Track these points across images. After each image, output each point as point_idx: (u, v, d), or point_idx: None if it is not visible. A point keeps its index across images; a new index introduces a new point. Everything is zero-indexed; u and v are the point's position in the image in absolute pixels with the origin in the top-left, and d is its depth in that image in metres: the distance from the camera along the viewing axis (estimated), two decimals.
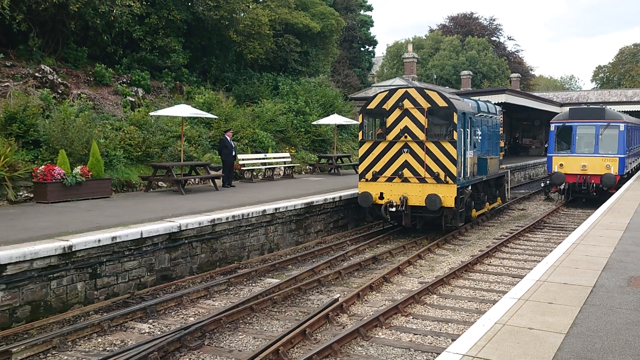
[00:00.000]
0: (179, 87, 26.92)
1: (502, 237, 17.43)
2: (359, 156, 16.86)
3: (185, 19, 26.66)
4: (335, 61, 44.61)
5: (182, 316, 10.01)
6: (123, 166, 19.23)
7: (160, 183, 19.81)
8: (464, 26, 74.76)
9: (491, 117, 20.56)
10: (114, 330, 9.27)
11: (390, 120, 16.32)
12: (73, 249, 10.03)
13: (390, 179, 16.23)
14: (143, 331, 9.23)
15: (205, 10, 26.68)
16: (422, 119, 15.89)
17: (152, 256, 11.61)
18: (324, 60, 38.44)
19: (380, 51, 78.15)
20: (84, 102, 20.39)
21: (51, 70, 21.26)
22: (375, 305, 10.52)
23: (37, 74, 20.75)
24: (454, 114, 15.59)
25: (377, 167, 16.43)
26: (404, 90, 16.27)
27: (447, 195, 15.48)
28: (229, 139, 20.48)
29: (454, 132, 15.63)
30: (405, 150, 16.05)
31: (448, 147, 15.64)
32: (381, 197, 16.29)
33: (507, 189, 23.30)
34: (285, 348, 8.13)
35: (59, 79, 21.27)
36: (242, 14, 29.54)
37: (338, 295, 10.66)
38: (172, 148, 21.50)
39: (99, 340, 8.88)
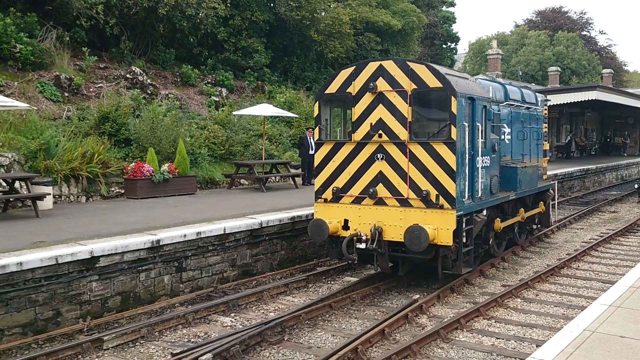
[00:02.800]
0: (260, 87, 27.46)
1: (592, 240, 16.65)
2: (315, 165, 11.44)
3: (267, 19, 27.15)
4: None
5: (262, 311, 10.21)
6: (207, 164, 19.82)
7: (242, 180, 20.28)
8: (552, 20, 71.95)
9: (527, 108, 15.22)
10: (198, 322, 9.57)
11: (357, 110, 10.83)
12: (161, 243, 10.44)
13: (358, 200, 10.80)
14: (225, 324, 9.47)
15: (287, 11, 27.06)
16: (403, 107, 10.35)
17: (234, 252, 11.91)
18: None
19: (462, 48, 76.64)
20: (172, 102, 21.18)
21: (141, 72, 22.21)
22: (455, 307, 10.32)
23: (128, 75, 21.74)
24: (452, 99, 9.99)
25: (340, 182, 11.00)
26: (378, 63, 10.71)
27: (441, 226, 9.98)
28: (309, 137, 20.70)
29: (452, 127, 10.00)
30: (379, 156, 10.60)
31: (443, 151, 10.04)
32: (346, 226, 10.87)
33: (554, 206, 17.22)
34: (364, 347, 8.12)
35: (149, 80, 22.19)
36: (323, 14, 29.76)
37: (417, 296, 10.54)
38: (254, 146, 21.96)
39: (184, 331, 9.20)
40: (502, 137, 13.13)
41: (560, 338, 5.98)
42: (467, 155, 10.41)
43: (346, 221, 10.93)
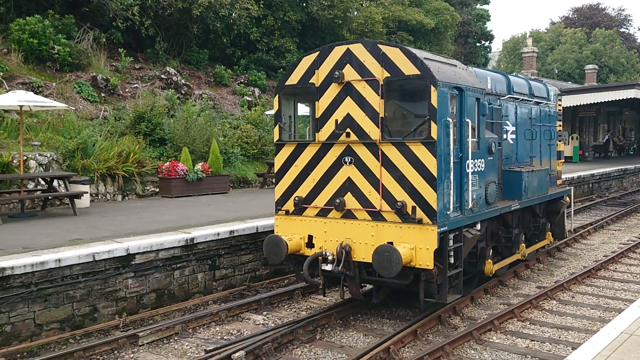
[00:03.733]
0: None
1: (630, 242, 16.27)
2: (275, 170, 9.86)
3: (299, 19, 27.25)
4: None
5: (294, 309, 10.25)
6: (240, 163, 20.00)
7: (274, 180, 20.40)
8: (589, 18, 70.59)
9: (537, 103, 13.23)
10: (231, 320, 9.66)
11: (322, 105, 9.10)
12: (195, 241, 10.57)
13: (323, 213, 9.05)
14: (257, 322, 9.55)
15: (319, 10, 27.12)
16: (375, 100, 8.62)
17: None
18: None
19: (496, 46, 75.66)
20: (205, 102, 21.43)
21: (175, 72, 22.51)
22: (489, 309, 10.22)
23: (162, 76, 22.06)
24: (432, 89, 8.17)
25: (303, 191, 9.26)
26: (345, 47, 8.94)
27: (420, 245, 8.16)
28: None
29: (432, 124, 8.17)
30: (347, 159, 8.85)
31: (421, 153, 8.27)
32: (310, 244, 9.12)
33: (569, 214, 15.36)
34: (396, 347, 8.10)
35: (183, 80, 22.48)
36: (356, 13, 29.74)
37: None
38: None
39: (217, 328, 9.30)
40: (505, 136, 11.37)
41: (596, 341, 5.87)
42: (451, 158, 8.43)
43: (310, 237, 9.08)
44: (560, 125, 14.92)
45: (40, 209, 14.11)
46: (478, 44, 50.95)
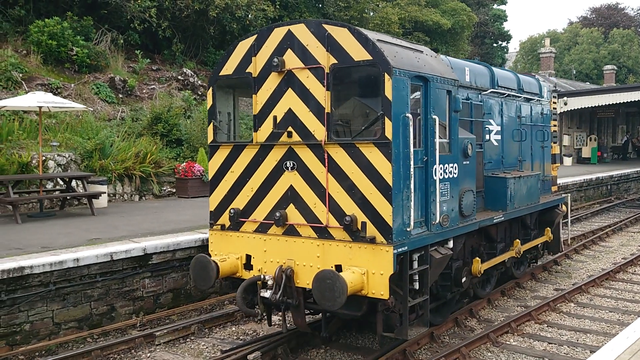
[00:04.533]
0: None
1: None
2: (209, 177, 8.35)
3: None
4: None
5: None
6: None
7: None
8: (608, 18, 69.87)
9: (528, 100, 11.85)
10: (247, 320, 9.69)
11: (260, 98, 7.71)
12: None
13: (263, 228, 7.65)
14: (274, 323, 9.57)
15: (335, 11, 27.15)
16: (320, 92, 7.21)
17: None
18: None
19: (513, 47, 75.20)
20: None
21: (192, 73, 22.65)
22: (506, 311, 10.15)
23: (179, 77, 22.21)
24: (386, 78, 6.77)
25: (240, 202, 7.84)
26: (286, 29, 7.50)
27: (373, 269, 6.78)
28: None
29: (387, 121, 6.77)
30: (289, 164, 7.45)
31: (373, 156, 6.89)
32: (248, 265, 7.76)
33: (566, 224, 13.87)
34: (412, 349, 8.08)
35: (199, 81, 22.61)
36: (372, 14, 29.73)
37: (467, 298, 10.40)
38: None
39: (233, 329, 9.34)
40: (487, 137, 9.99)
41: (615, 344, 5.81)
42: (412, 163, 6.89)
43: (249, 257, 7.70)
44: (555, 126, 13.58)
45: (58, 208, 14.26)
46: (495, 45, 50.66)
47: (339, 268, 6.87)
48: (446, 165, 7.79)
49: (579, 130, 38.76)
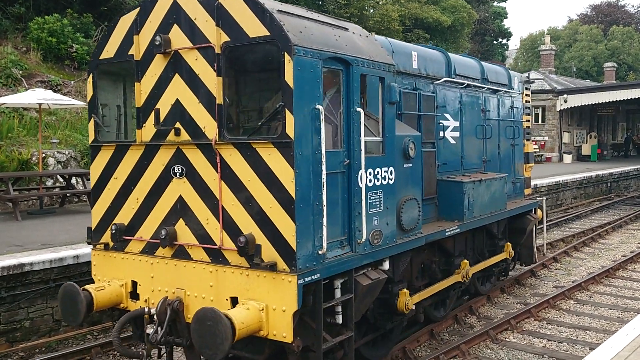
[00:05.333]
0: None
1: None
2: (91, 184, 6.82)
3: None
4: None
5: None
6: None
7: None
8: (608, 15, 69.84)
9: (495, 92, 10.49)
10: None
11: (144, 87, 6.30)
12: None
13: (150, 249, 6.26)
14: None
15: (335, 9, 27.14)
16: (210, 79, 5.79)
17: None
18: None
19: (513, 44, 75.18)
20: None
21: None
22: (506, 308, 10.16)
23: None
24: (286, 59, 5.29)
25: (125, 215, 6.44)
26: (171, 1, 6.08)
27: (273, 303, 5.36)
28: None
29: (288, 115, 5.31)
30: (177, 169, 6.05)
31: (273, 159, 5.45)
32: (135, 294, 6.34)
33: (541, 231, 12.81)
34: (412, 346, 8.09)
35: None
36: (372, 11, 29.71)
37: (466, 296, 10.41)
38: None
39: None
40: (442, 134, 8.64)
41: (615, 341, 5.82)
42: (323, 168, 5.46)
43: (135, 285, 6.30)
44: (528, 121, 12.11)
45: (58, 205, 14.26)
46: (495, 42, 50.67)
47: (235, 301, 5.52)
48: (378, 169, 6.38)
49: (579, 128, 38.77)
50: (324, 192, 5.49)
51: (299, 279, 5.22)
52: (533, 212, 10.97)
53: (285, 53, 5.25)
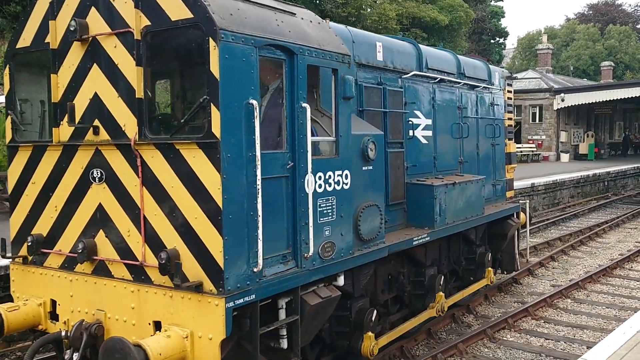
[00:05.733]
0: None
1: None
2: (9, 190, 6.16)
3: None
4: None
5: None
6: None
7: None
8: (605, 14, 69.92)
9: (473, 87, 9.75)
10: None
11: (62, 79, 5.54)
12: None
13: (70, 264, 5.53)
14: None
15: (333, 8, 27.13)
16: (130, 69, 5.07)
17: None
18: None
19: (510, 43, 75.25)
20: None
21: None
22: (503, 307, 10.18)
23: None
24: (211, 45, 4.59)
25: (44, 225, 5.73)
26: None
27: (199, 331, 4.68)
28: None
29: (214, 110, 4.61)
30: (95, 173, 5.31)
31: (197, 162, 4.74)
32: (55, 314, 5.63)
33: (525, 235, 11.60)
34: (409, 345, 8.09)
35: None
36: (369, 10, 29.71)
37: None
38: None
39: None
40: (411, 133, 7.88)
41: (612, 340, 5.84)
42: (258, 172, 4.77)
43: (54, 305, 5.61)
44: (511, 119, 11.46)
45: None
46: (492, 41, 50.72)
47: (159, 326, 4.88)
48: (330, 173, 5.71)
49: (576, 127, 38.84)
50: (259, 200, 4.79)
51: (228, 302, 4.55)
52: (515, 216, 10.36)
53: (210, 38, 4.57)
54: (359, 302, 6.68)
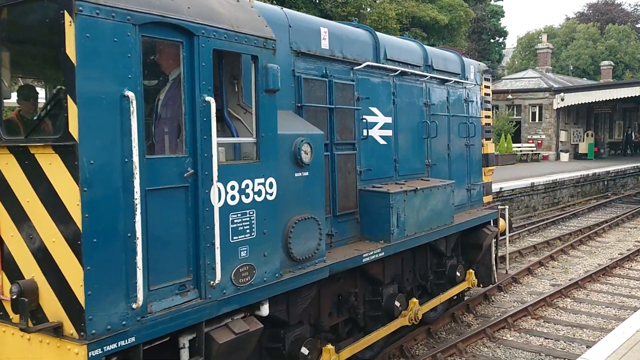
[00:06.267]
0: None
1: None
2: None
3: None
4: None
5: None
6: None
7: None
8: (605, 13, 69.90)
9: (443, 82, 8.77)
10: None
11: None
12: None
13: None
14: None
15: (332, 7, 27.12)
16: None
17: None
18: None
19: (510, 43, 75.25)
20: None
21: None
22: (503, 306, 10.18)
23: None
24: (65, 21, 3.58)
25: None
26: None
27: None
28: None
29: (71, 105, 3.62)
30: None
31: (54, 171, 3.73)
32: None
33: (503, 244, 10.49)
34: (409, 345, 8.09)
35: None
36: (369, 9, 29.70)
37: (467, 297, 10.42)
38: None
39: None
40: (365, 132, 6.89)
41: (612, 339, 5.84)
42: (136, 183, 3.86)
43: None
44: (489, 117, 10.54)
45: None
46: (492, 41, 50.71)
47: None
48: (247, 181, 4.73)
49: (576, 126, 38.84)
50: (138, 218, 3.81)
51: (92, 349, 3.63)
52: (493, 223, 9.46)
53: (65, 12, 3.60)
54: (295, 331, 5.63)
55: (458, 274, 8.69)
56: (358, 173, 6.73)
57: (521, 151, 34.59)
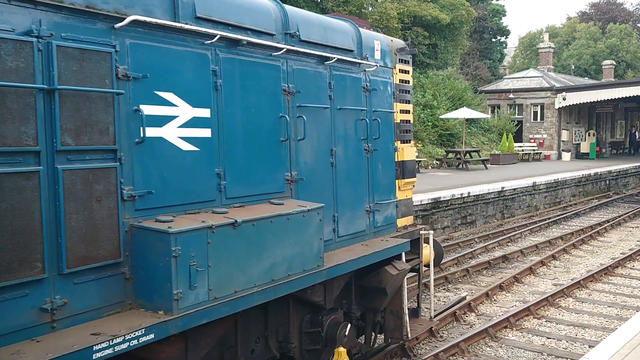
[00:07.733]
0: None
1: None
2: None
3: None
4: (464, 53, 43.52)
5: None
6: None
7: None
8: (606, 12, 69.81)
9: (322, 61, 6.00)
10: None
11: None
12: None
13: None
14: None
15: (334, 6, 27.13)
16: None
17: None
18: (452, 53, 37.62)
19: (512, 42, 75.18)
20: None
21: None
22: (505, 306, 10.17)
23: None
24: None
25: None
26: None
27: None
28: None
29: None
30: None
31: None
32: None
33: (427, 287, 7.89)
34: (412, 344, 8.08)
35: None
36: (370, 9, 29.68)
37: (466, 293, 10.42)
38: None
39: None
40: (142, 133, 4.16)
41: (614, 339, 5.83)
42: None
43: None
44: (407, 112, 7.75)
45: None
46: (494, 40, 50.60)
47: None
48: None
49: (578, 126, 38.80)
50: None
51: None
52: (402, 257, 6.78)
53: None
54: None
55: (341, 335, 6.03)
56: (125, 199, 4.10)
57: (523, 151, 34.55)
